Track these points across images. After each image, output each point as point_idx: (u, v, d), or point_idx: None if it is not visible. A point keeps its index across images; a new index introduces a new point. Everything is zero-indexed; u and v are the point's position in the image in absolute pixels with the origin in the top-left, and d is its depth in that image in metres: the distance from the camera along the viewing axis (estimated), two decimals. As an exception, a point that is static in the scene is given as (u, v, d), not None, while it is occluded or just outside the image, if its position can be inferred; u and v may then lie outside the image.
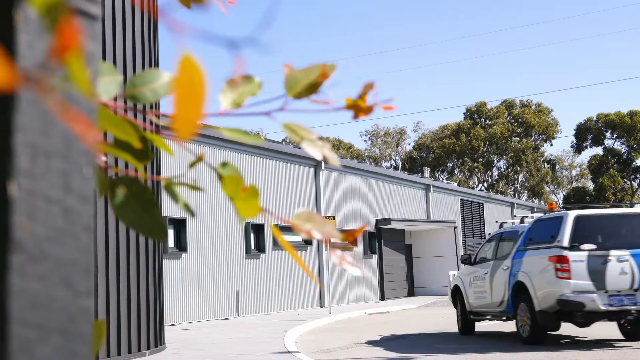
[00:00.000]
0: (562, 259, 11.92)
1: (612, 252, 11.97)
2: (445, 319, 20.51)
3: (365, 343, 14.48)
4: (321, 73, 0.91)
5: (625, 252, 11.95)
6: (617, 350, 11.68)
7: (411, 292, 33.50)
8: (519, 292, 12.94)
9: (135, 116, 8.38)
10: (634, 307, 11.68)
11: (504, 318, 14.07)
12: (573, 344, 12.84)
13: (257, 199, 0.87)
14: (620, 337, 13.33)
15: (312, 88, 0.91)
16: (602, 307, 11.70)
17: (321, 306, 25.80)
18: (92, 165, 0.63)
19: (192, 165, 0.89)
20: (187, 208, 0.86)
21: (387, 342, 14.61)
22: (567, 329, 14.49)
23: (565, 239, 12.10)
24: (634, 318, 11.90)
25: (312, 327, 18.38)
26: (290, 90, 0.90)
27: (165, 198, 19.27)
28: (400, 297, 31.40)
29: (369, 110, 0.94)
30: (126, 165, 10.96)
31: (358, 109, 0.93)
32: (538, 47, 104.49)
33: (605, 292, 11.81)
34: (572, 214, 12.42)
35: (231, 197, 0.88)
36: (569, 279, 11.81)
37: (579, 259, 11.92)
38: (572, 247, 12.01)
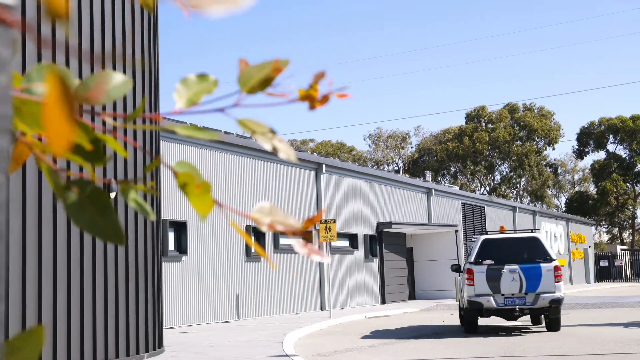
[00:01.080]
0: (469, 271, 16.32)
1: (506, 266, 16.09)
2: (446, 322, 20.48)
3: (364, 347, 14.46)
4: (274, 68, 0.91)
5: (515, 266, 16.05)
6: (527, 332, 16.24)
7: (412, 296, 33.46)
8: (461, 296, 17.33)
9: (92, 119, 8.37)
10: (519, 306, 15.96)
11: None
12: (499, 330, 17.44)
13: (210, 194, 0.86)
14: (529, 323, 18.66)
15: (266, 82, 0.91)
16: (497, 306, 16.03)
17: (322, 309, 25.77)
18: (5, 173, 0.62)
19: (148, 168, 0.89)
20: (146, 210, 0.85)
21: (386, 346, 14.59)
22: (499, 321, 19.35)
23: (473, 256, 16.48)
24: (522, 314, 16.23)
25: (312, 331, 18.36)
26: (244, 86, 0.90)
27: (165, 200, 19.28)
28: (401, 301, 31.36)
29: (324, 100, 0.93)
30: (131, 174, 10.98)
31: (312, 99, 0.93)
32: (540, 51, 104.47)
33: (502, 295, 16.04)
34: (481, 238, 16.81)
35: (186, 194, 0.88)
36: (472, 285, 16.13)
37: (480, 271, 16.14)
38: (476, 262, 16.28)
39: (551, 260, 16.24)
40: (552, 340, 15.08)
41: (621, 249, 61.91)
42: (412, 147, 75.44)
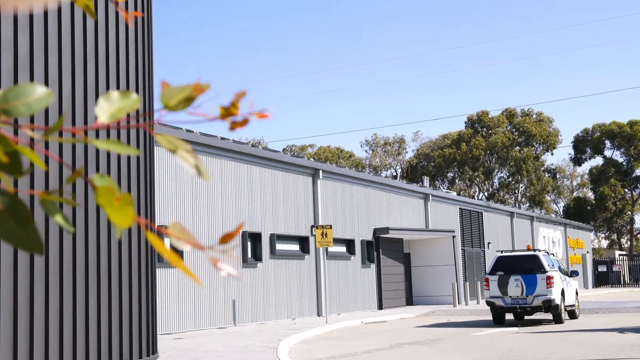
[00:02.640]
0: (486, 280, 22.14)
1: (512, 276, 21.59)
2: (442, 328, 20.48)
3: (359, 352, 14.47)
4: (195, 88, 0.93)
5: (518, 276, 21.52)
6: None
7: (410, 302, 33.45)
8: None
9: (16, 132, 8.35)
10: (520, 305, 21.28)
11: None
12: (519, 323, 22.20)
13: (131, 207, 0.89)
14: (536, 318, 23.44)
15: (187, 101, 0.93)
16: (505, 305, 21.46)
17: (318, 315, 25.76)
18: None
19: (69, 180, 0.91)
20: (66, 221, 0.87)
21: (381, 352, 14.60)
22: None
23: (489, 268, 22.52)
24: (523, 310, 21.76)
25: (308, 336, 18.36)
26: (166, 104, 0.92)
27: (160, 206, 19.30)
28: (398, 307, 31.35)
29: (244, 122, 0.96)
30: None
31: (233, 118, 0.95)
32: (538, 57, 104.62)
33: (510, 297, 21.42)
34: (497, 256, 22.70)
35: (104, 207, 0.90)
36: (488, 289, 21.90)
37: (493, 279, 21.82)
38: (491, 273, 22.08)
39: (545, 271, 21.37)
40: (547, 345, 15.10)
41: (619, 254, 61.90)
42: (408, 153, 75.50)
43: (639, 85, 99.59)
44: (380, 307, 29.99)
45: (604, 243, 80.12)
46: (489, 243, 40.37)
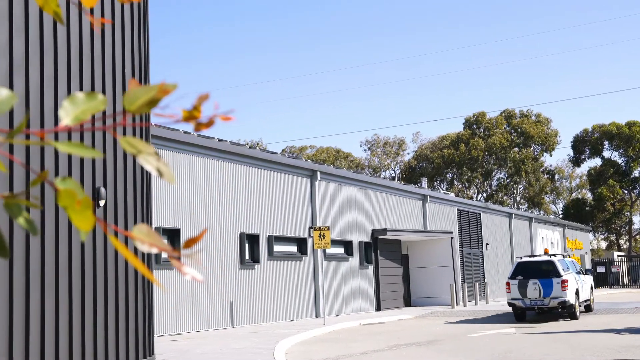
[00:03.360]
0: (507, 283, 24.15)
1: (530, 280, 23.67)
2: (439, 328, 20.48)
3: (356, 354, 14.46)
4: (160, 90, 0.93)
5: (536, 280, 23.61)
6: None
7: (408, 303, 33.43)
8: None
9: None
10: (538, 305, 23.44)
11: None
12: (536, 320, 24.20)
13: (90, 210, 0.89)
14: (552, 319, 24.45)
15: (152, 103, 0.93)
16: (524, 306, 23.63)
17: (316, 316, 25.75)
18: None
19: (34, 183, 0.91)
20: (30, 225, 0.88)
21: (378, 353, 14.59)
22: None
23: (510, 273, 24.52)
24: (541, 311, 24.33)
25: (305, 338, 18.36)
26: (130, 106, 0.92)
27: (158, 208, 19.30)
28: (396, 308, 31.33)
29: (209, 123, 0.96)
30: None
31: (195, 120, 0.95)
32: (537, 58, 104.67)
33: (529, 299, 23.52)
34: (518, 260, 25.03)
35: (66, 210, 0.90)
36: (509, 292, 23.94)
37: (514, 283, 23.84)
38: (513, 277, 24.08)
39: (560, 275, 23.48)
40: (544, 346, 15.10)
41: (618, 255, 61.88)
42: (408, 154, 75.52)
43: (638, 86, 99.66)
44: (378, 308, 29.98)
45: (603, 244, 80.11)
46: (487, 244, 40.37)
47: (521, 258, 25.57)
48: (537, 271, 23.84)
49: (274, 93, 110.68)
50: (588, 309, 26.31)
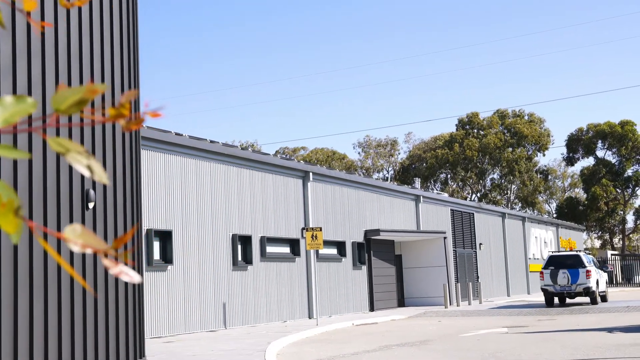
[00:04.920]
0: (541, 272, 29.57)
1: (560, 270, 29.01)
2: (432, 328, 20.51)
3: (347, 354, 14.48)
4: (88, 90, 0.94)
5: (565, 270, 28.93)
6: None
7: (401, 303, 33.46)
8: None
9: None
10: (567, 291, 28.81)
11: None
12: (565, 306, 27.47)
13: (14, 213, 0.90)
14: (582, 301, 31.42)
15: (81, 104, 0.94)
16: (555, 291, 29.09)
17: (309, 317, 25.75)
18: None
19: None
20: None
21: (369, 354, 14.61)
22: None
23: (544, 264, 29.87)
24: (570, 295, 29.19)
25: (297, 339, 18.36)
26: (58, 107, 0.93)
27: (150, 210, 19.28)
28: (390, 308, 31.36)
29: (138, 121, 0.97)
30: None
31: (124, 118, 0.97)
32: (529, 58, 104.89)
33: (559, 285, 28.92)
34: (549, 254, 30.32)
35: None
36: (542, 280, 29.37)
37: (547, 272, 29.26)
38: (546, 267, 29.49)
39: (585, 267, 28.89)
40: (535, 345, 15.13)
41: (611, 254, 62.01)
42: (401, 155, 75.55)
43: (632, 85, 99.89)
44: (371, 308, 30.00)
45: (597, 243, 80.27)
46: (480, 244, 40.42)
47: (552, 252, 30.89)
48: (566, 263, 29.10)
49: (267, 94, 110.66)
50: (603, 299, 30.76)
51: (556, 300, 30.94)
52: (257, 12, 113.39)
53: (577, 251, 30.33)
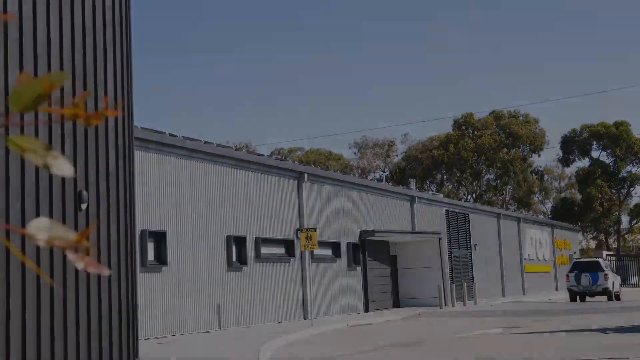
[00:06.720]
0: (567, 275, 35.64)
1: (583, 273, 34.64)
2: (426, 329, 20.52)
3: (340, 355, 14.47)
4: (46, 85, 0.93)
5: (587, 273, 34.56)
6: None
7: (396, 304, 33.45)
8: None
9: None
10: (589, 290, 34.45)
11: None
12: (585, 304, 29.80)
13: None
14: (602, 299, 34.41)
15: (39, 100, 0.93)
16: (578, 290, 34.71)
17: (304, 318, 25.73)
18: None
19: None
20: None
21: (362, 355, 14.61)
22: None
23: (569, 268, 36.34)
24: (591, 294, 34.66)
25: (291, 340, 18.35)
26: (15, 105, 0.93)
27: (144, 211, 19.25)
28: (385, 309, 31.35)
29: (98, 117, 0.96)
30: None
31: (81, 116, 0.96)
32: (525, 58, 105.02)
33: (582, 286, 34.52)
34: (574, 261, 37.14)
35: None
36: (568, 281, 35.27)
37: (572, 275, 35.00)
38: (571, 271, 35.38)
39: (603, 271, 34.34)
40: (529, 346, 15.14)
41: (607, 255, 62.10)
42: (397, 155, 75.57)
43: (626, 86, 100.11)
44: (366, 309, 29.99)
45: (592, 244, 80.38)
46: (475, 245, 40.43)
47: (576, 259, 39.11)
48: (588, 267, 34.89)
49: (264, 95, 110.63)
50: (617, 297, 35.28)
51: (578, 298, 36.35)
52: (255, 12, 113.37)
53: (596, 258, 36.81)
